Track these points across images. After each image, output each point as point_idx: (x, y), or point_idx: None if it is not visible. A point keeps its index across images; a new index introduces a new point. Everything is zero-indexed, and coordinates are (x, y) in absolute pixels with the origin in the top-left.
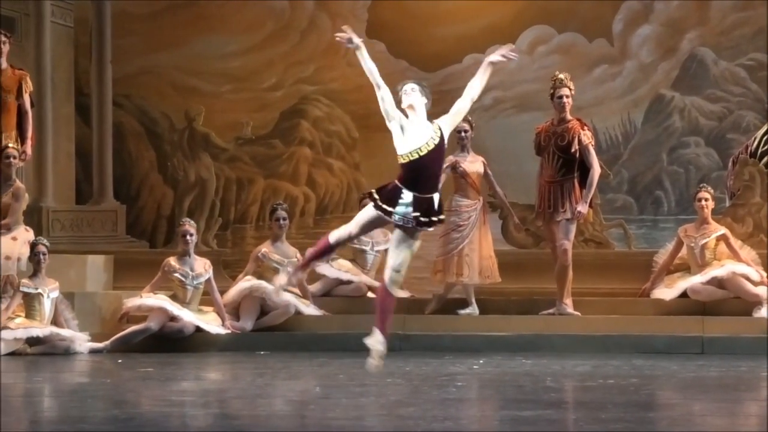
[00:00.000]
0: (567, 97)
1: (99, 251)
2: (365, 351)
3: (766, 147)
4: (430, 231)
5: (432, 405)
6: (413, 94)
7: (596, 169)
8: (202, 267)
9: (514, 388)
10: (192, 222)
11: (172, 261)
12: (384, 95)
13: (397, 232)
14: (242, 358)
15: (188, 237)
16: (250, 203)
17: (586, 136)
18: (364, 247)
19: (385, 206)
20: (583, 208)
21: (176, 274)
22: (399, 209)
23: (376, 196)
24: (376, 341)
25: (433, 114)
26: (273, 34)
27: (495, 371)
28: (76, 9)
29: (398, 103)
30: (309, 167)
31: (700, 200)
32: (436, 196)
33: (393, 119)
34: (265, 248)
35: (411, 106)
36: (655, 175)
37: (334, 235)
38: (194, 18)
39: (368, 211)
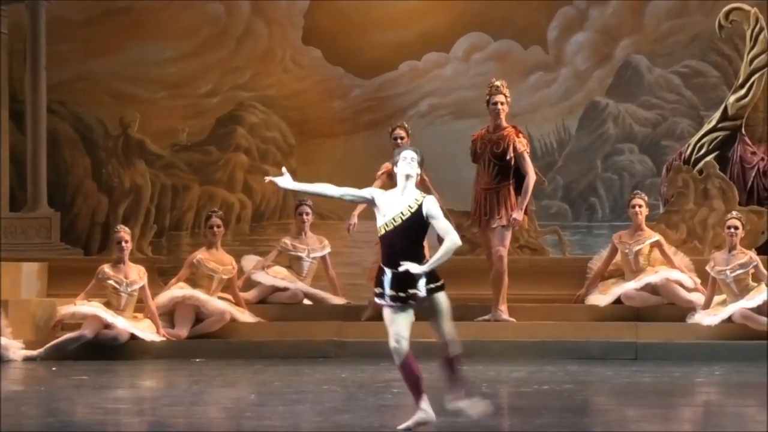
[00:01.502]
0: (502, 104)
1: (33, 258)
2: (300, 358)
3: (700, 154)
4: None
5: (368, 412)
6: (413, 164)
7: (531, 176)
8: (136, 274)
9: None
10: (127, 229)
11: (107, 268)
12: (346, 195)
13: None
14: (177, 366)
15: (123, 244)
16: (185, 210)
17: (521, 144)
18: (300, 254)
19: (377, 291)
20: (518, 215)
21: (110, 282)
22: (386, 292)
23: (375, 289)
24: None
25: (368, 122)
26: (209, 40)
27: (430, 378)
28: (10, 15)
29: (394, 164)
30: (245, 174)
31: (634, 207)
32: (416, 270)
33: (361, 196)
34: (200, 255)
35: (408, 177)
36: (590, 181)
37: (396, 359)
38: (130, 24)
39: (385, 311)
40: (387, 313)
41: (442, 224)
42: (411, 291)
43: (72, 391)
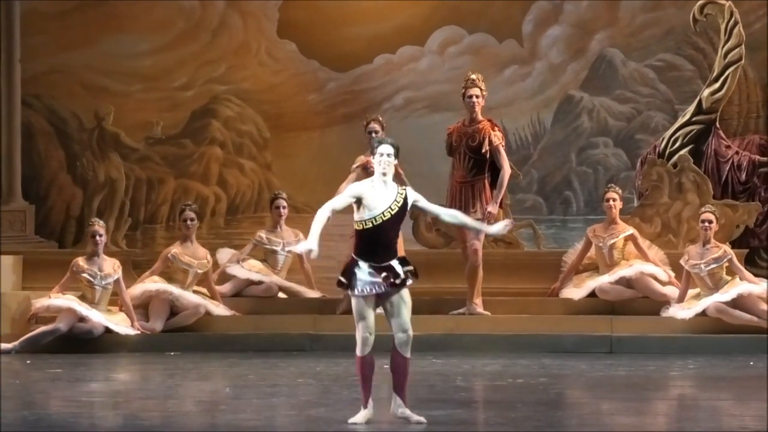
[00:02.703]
0: (477, 97)
1: (7, 251)
2: (275, 351)
3: (674, 147)
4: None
5: (342, 405)
6: (390, 160)
7: (506, 170)
8: (111, 267)
9: (425, 388)
10: (101, 222)
11: (81, 261)
12: (337, 208)
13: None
14: (152, 359)
15: (97, 237)
16: (160, 203)
17: (497, 137)
18: (275, 248)
19: (345, 281)
20: (493, 208)
21: (85, 275)
22: (361, 280)
23: (341, 278)
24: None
25: (344, 115)
26: (184, 33)
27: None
28: None
29: (372, 152)
30: (220, 167)
31: (608, 200)
32: (395, 262)
33: (349, 202)
34: (175, 249)
35: (385, 174)
36: (564, 175)
37: (359, 349)
38: (105, 17)
39: (353, 301)
40: (358, 305)
41: (431, 206)
42: (401, 278)
43: (47, 384)
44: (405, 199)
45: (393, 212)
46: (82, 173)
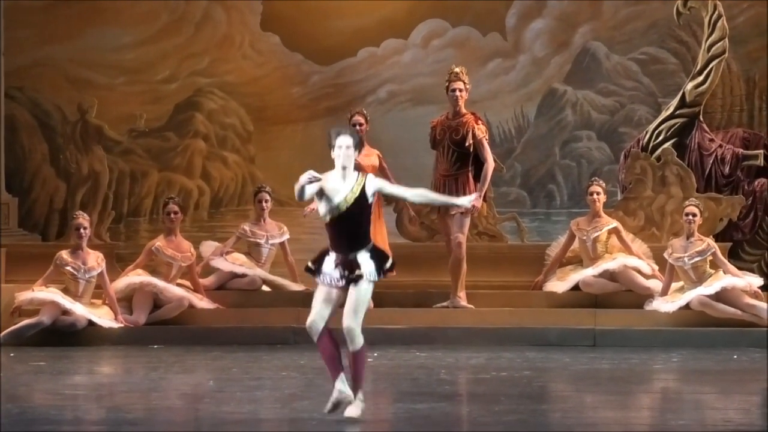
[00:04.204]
0: (461, 90)
1: None
2: (259, 344)
3: (657, 141)
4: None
5: (326, 398)
6: (349, 152)
7: (490, 163)
8: (94, 260)
9: (409, 381)
10: (85, 215)
11: (65, 254)
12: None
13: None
14: (135, 352)
15: (81, 230)
16: (143, 196)
17: (480, 131)
18: (258, 241)
19: (312, 267)
20: (477, 201)
21: (68, 268)
22: (325, 269)
23: (309, 264)
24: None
25: (327, 108)
26: (167, 26)
27: (389, 364)
28: None
29: (330, 147)
30: (203, 160)
31: (591, 194)
32: (362, 256)
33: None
34: (159, 242)
35: (345, 168)
36: (548, 168)
37: (310, 331)
38: (88, 10)
39: (320, 290)
40: (320, 291)
41: (395, 189)
42: (358, 272)
43: (30, 377)
44: (363, 188)
45: (350, 203)
46: (66, 166)
